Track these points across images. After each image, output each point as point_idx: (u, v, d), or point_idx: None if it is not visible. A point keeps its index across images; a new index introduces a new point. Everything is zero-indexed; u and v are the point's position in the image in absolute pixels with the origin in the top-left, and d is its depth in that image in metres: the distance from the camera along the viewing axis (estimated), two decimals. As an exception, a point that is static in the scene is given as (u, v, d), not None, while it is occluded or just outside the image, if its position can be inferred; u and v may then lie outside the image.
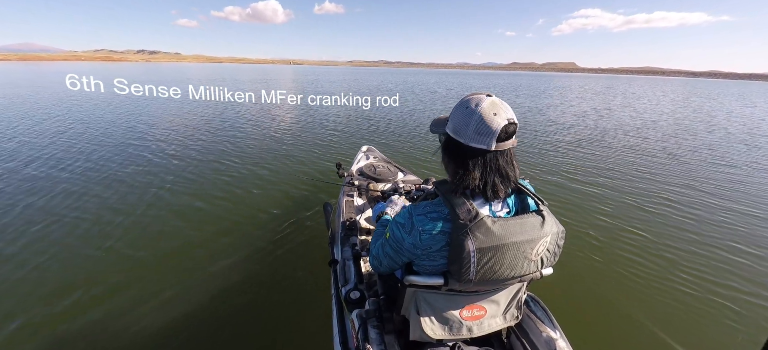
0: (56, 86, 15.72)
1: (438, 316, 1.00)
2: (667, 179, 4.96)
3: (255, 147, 5.91)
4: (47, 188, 3.79)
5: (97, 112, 9.01)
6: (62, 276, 2.35)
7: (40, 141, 5.84)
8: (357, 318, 1.17)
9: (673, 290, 2.45)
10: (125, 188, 3.86)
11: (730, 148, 7.26)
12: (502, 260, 0.84)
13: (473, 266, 0.82)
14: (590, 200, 4.08)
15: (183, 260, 2.55)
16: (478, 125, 0.83)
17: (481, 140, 0.83)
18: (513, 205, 0.93)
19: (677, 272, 2.66)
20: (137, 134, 6.59)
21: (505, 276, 0.87)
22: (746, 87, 61.20)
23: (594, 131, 8.91)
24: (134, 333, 1.92)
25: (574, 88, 32.29)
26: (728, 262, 2.82)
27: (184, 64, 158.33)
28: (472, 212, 0.81)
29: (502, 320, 1.07)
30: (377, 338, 1.08)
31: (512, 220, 0.84)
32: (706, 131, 9.30)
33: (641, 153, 6.49)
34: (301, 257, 2.62)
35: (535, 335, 1.14)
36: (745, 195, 4.38)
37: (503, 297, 1.03)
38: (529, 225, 0.85)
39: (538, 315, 1.19)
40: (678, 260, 2.82)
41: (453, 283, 0.89)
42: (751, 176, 5.23)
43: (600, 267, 2.69)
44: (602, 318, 2.18)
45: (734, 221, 3.59)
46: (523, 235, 0.84)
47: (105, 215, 3.17)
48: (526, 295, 1.20)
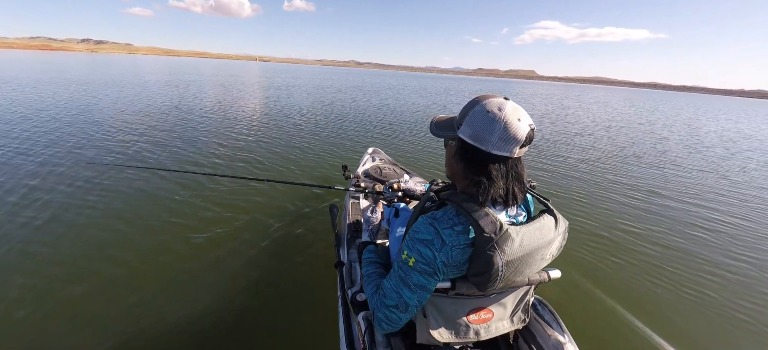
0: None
1: (445, 319, 0.97)
2: (683, 182, 5.03)
3: (260, 149, 5.76)
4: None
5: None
6: (60, 277, 2.26)
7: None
8: (363, 321, 1.15)
9: (686, 295, 2.44)
10: (130, 188, 3.68)
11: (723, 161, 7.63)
12: (524, 267, 0.83)
13: (500, 278, 0.79)
14: (599, 202, 4.10)
15: (188, 263, 2.47)
16: (504, 132, 0.78)
17: (505, 147, 0.79)
18: (524, 207, 0.92)
19: (690, 277, 2.65)
20: (132, 133, 6.10)
21: (523, 281, 0.89)
22: (680, 98, 68.31)
23: (595, 136, 9.11)
24: (135, 334, 1.86)
25: (541, 94, 33.97)
26: (748, 267, 2.79)
27: (136, 56, 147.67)
28: (497, 224, 0.78)
29: (510, 323, 1.04)
30: (384, 340, 1.07)
31: (532, 226, 0.83)
32: (719, 146, 9.83)
33: (650, 154, 6.65)
34: (307, 260, 2.59)
35: (542, 338, 1.13)
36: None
37: (510, 301, 1.02)
38: (546, 228, 0.85)
39: (546, 318, 1.17)
40: (691, 264, 2.81)
41: (461, 288, 0.88)
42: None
43: (608, 271, 2.68)
44: (611, 322, 2.14)
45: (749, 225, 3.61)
46: (543, 239, 0.83)
47: (112, 223, 2.96)
48: (534, 298, 1.18)
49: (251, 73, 40.69)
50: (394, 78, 58.96)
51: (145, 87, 14.35)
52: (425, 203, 0.94)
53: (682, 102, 44.46)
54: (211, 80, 21.75)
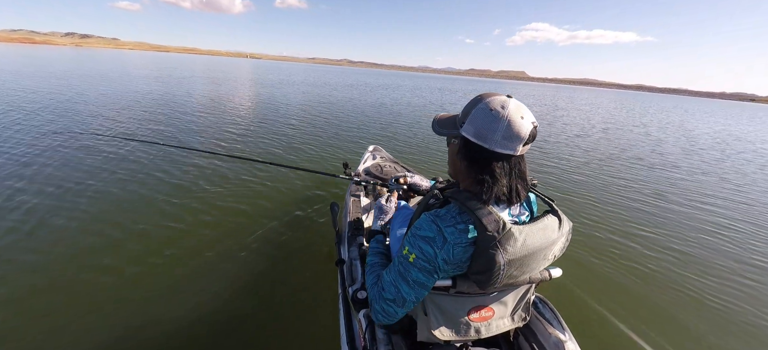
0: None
1: (446, 317, 0.97)
2: (683, 184, 5.03)
3: (261, 146, 5.69)
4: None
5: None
6: (42, 283, 2.13)
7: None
8: (364, 318, 1.15)
9: (686, 292, 2.45)
10: (123, 184, 3.57)
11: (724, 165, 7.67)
12: (526, 266, 0.83)
13: (502, 277, 0.79)
14: (599, 202, 4.08)
15: (187, 261, 2.43)
16: (507, 130, 0.78)
17: (509, 145, 0.79)
18: (527, 206, 0.92)
19: (690, 274, 2.67)
20: (128, 131, 5.95)
21: (525, 280, 0.89)
22: (667, 100, 70.01)
23: (594, 137, 9.07)
24: (133, 334, 1.81)
25: (533, 95, 34.27)
26: (746, 264, 2.79)
27: (122, 51, 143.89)
28: (500, 223, 0.78)
29: (510, 321, 1.04)
30: (384, 338, 1.07)
31: (535, 225, 0.83)
32: (717, 148, 9.89)
33: (650, 156, 6.66)
34: (308, 257, 2.57)
35: (543, 336, 1.12)
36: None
37: (511, 299, 1.02)
38: (550, 228, 0.85)
39: (547, 316, 1.17)
40: (691, 261, 2.81)
41: (462, 286, 0.88)
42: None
43: (609, 270, 2.67)
44: (612, 321, 2.13)
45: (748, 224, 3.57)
46: (546, 239, 0.83)
47: (105, 230, 2.78)
48: (535, 296, 1.18)
49: (243, 70, 40.14)
50: (388, 77, 59.19)
51: (132, 82, 13.91)
52: (429, 200, 0.94)
53: (669, 104, 45.64)
54: (202, 77, 21.28)
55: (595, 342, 1.93)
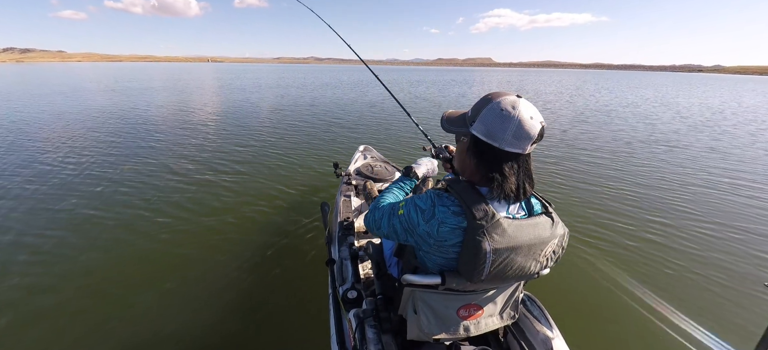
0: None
1: (435, 316, 0.99)
2: (663, 173, 4.97)
3: (251, 147, 5.69)
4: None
5: None
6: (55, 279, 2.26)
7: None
8: (354, 318, 1.15)
9: (671, 286, 2.43)
10: (116, 191, 3.67)
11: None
12: (514, 261, 0.84)
13: (487, 266, 0.81)
14: (583, 197, 3.99)
15: (178, 262, 2.48)
16: (518, 130, 0.80)
17: (518, 145, 0.81)
18: (526, 206, 0.92)
19: (673, 268, 2.63)
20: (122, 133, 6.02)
21: (514, 276, 0.88)
22: (623, 76, 73.70)
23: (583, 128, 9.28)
24: (131, 333, 1.86)
25: (500, 81, 35.01)
26: (727, 254, 2.80)
27: (69, 64, 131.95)
28: (489, 213, 0.80)
29: (499, 319, 1.06)
30: (374, 337, 1.07)
31: (526, 221, 0.84)
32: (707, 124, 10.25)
33: (626, 147, 6.80)
34: (298, 257, 2.57)
35: (531, 334, 1.13)
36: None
37: (500, 297, 1.03)
38: (541, 227, 0.86)
39: (535, 314, 1.18)
40: (674, 255, 2.78)
41: (451, 282, 0.89)
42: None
43: (597, 265, 2.65)
44: (599, 316, 2.15)
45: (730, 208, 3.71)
46: (536, 236, 0.84)
47: (94, 231, 2.90)
48: (523, 294, 1.18)
49: (205, 75, 38.14)
50: (359, 73, 58.35)
51: (90, 97, 12.88)
52: (437, 185, 0.98)
53: (626, 80, 46.89)
54: (158, 86, 19.94)
55: (582, 338, 1.92)
